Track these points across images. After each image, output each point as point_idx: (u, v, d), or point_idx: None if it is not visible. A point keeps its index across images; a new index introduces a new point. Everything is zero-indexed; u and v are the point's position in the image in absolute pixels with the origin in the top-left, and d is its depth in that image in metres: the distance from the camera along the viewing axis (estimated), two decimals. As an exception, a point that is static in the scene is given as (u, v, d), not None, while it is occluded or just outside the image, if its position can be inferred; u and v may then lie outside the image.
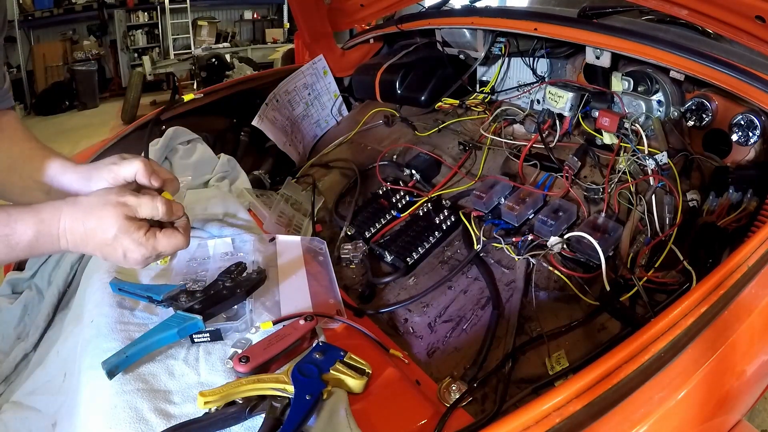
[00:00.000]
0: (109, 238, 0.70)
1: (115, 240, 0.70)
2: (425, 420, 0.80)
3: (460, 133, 1.62)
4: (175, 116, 1.76)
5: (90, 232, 0.70)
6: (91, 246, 0.71)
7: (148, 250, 0.72)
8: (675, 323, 0.71)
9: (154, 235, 0.73)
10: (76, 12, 7.61)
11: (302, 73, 1.93)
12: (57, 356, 1.02)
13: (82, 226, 0.70)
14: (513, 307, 1.08)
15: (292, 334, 0.85)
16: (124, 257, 0.72)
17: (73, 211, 0.70)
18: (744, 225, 1.00)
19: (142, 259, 0.73)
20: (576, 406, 0.62)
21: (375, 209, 1.42)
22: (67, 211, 0.70)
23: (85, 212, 0.70)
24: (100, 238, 0.70)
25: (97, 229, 0.70)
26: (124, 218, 0.70)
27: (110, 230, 0.70)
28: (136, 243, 0.71)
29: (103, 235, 0.70)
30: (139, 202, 0.72)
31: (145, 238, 0.72)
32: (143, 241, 0.71)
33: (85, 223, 0.70)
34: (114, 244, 0.70)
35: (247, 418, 0.74)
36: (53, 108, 7.14)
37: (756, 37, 1.03)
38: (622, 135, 1.26)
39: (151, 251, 0.72)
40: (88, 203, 0.71)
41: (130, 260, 0.72)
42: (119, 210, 0.70)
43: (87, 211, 0.70)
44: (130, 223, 0.71)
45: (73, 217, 0.70)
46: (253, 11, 9.15)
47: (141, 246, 0.71)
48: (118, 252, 0.71)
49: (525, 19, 1.46)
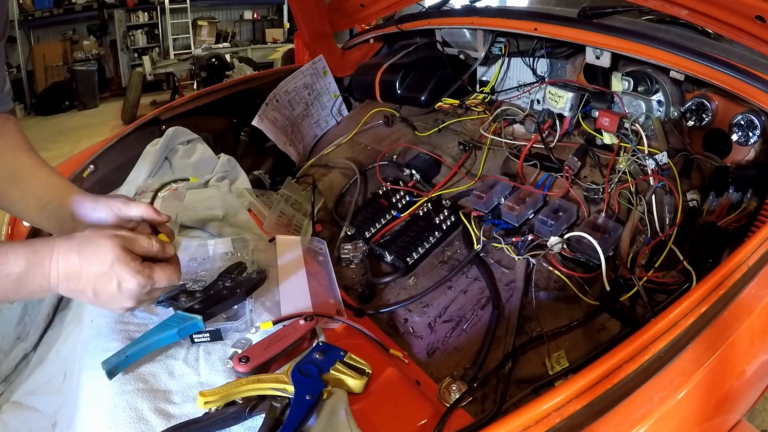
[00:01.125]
0: (105, 267, 0.69)
1: (112, 268, 0.69)
2: (425, 420, 0.80)
3: (460, 133, 1.62)
4: (175, 116, 1.76)
5: (85, 262, 0.69)
6: (83, 279, 0.70)
7: (144, 279, 0.72)
8: (675, 323, 0.71)
9: (150, 266, 0.73)
10: (76, 12, 7.61)
11: (302, 73, 1.93)
12: (57, 356, 1.02)
13: (77, 256, 0.69)
14: (513, 307, 1.08)
15: (292, 334, 0.85)
16: (118, 288, 0.71)
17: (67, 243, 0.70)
18: (744, 225, 1.00)
19: (138, 289, 0.72)
20: (576, 406, 0.62)
21: (375, 209, 1.42)
22: (60, 244, 0.70)
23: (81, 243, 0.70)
24: (96, 268, 0.69)
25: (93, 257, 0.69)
26: (121, 248, 0.71)
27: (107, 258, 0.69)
28: (133, 272, 0.71)
29: (99, 265, 0.69)
30: (135, 237, 0.74)
31: (142, 267, 0.72)
32: (140, 270, 0.71)
33: (81, 253, 0.69)
34: (110, 272, 0.70)
35: (247, 418, 0.74)
36: (53, 108, 7.14)
37: (756, 37, 1.03)
38: (622, 135, 1.26)
39: (146, 281, 0.72)
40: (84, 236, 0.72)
41: (125, 291, 0.71)
42: (117, 240, 0.71)
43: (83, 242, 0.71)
44: (127, 253, 0.71)
45: (67, 247, 0.70)
46: (253, 11, 9.15)
47: (138, 274, 0.71)
48: (112, 282, 0.70)
49: (525, 19, 1.46)
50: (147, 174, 1.44)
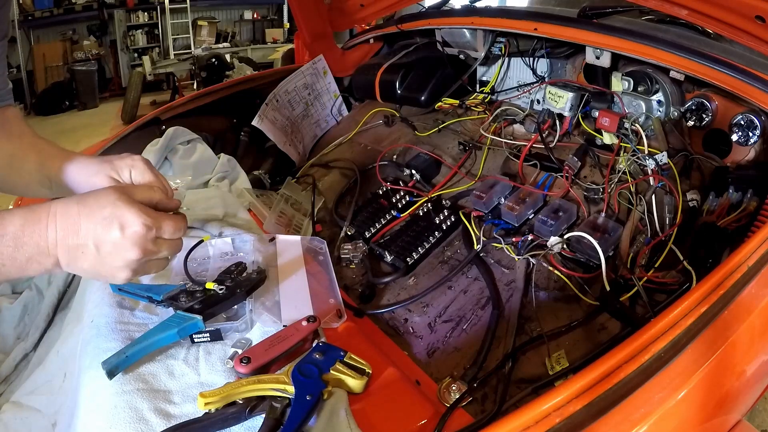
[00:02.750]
0: (106, 210, 0.63)
1: (114, 209, 0.63)
2: (425, 420, 0.80)
3: (460, 133, 1.62)
4: (175, 116, 1.76)
5: (84, 209, 0.63)
6: (83, 229, 0.63)
7: (150, 219, 0.65)
8: (675, 323, 0.71)
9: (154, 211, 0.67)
10: (76, 12, 7.60)
11: (302, 73, 1.93)
12: (57, 356, 1.02)
13: (76, 205, 0.63)
14: (513, 307, 1.08)
15: (294, 336, 0.85)
16: (121, 232, 0.63)
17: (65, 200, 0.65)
18: (744, 225, 1.00)
19: (144, 231, 0.64)
20: (576, 406, 0.62)
21: (375, 209, 1.42)
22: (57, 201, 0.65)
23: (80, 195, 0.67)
24: (97, 214, 0.63)
25: (93, 203, 0.63)
26: (122, 192, 0.65)
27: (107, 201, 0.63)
28: (137, 211, 0.64)
29: (100, 210, 0.63)
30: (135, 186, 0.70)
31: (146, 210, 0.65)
32: (143, 209, 0.65)
33: (80, 202, 0.64)
34: (110, 216, 0.63)
35: (247, 418, 0.74)
36: (53, 108, 7.14)
37: (756, 37, 1.03)
38: (622, 135, 1.26)
39: (153, 222, 0.65)
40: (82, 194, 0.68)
41: (128, 236, 0.63)
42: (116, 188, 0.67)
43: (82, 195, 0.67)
44: (128, 196, 0.65)
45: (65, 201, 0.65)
46: (253, 11, 9.14)
47: (142, 213, 0.64)
48: (114, 227, 0.63)
49: (525, 19, 1.46)
50: (147, 174, 1.44)
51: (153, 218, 0.65)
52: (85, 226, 0.63)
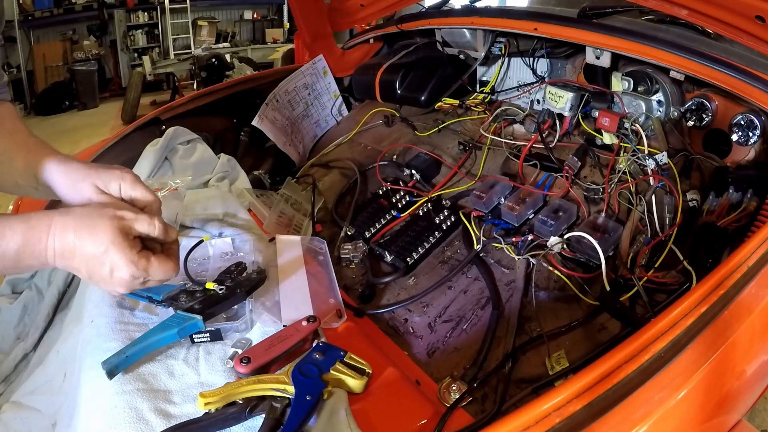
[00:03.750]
0: (99, 250, 0.66)
1: (105, 253, 0.66)
2: (425, 420, 0.80)
3: (460, 133, 1.62)
4: (175, 116, 1.76)
5: (80, 242, 0.66)
6: (77, 259, 0.67)
7: (139, 270, 0.68)
8: (675, 323, 0.71)
9: (147, 257, 0.70)
10: (76, 12, 7.61)
11: (302, 73, 1.93)
12: (57, 356, 1.02)
13: (73, 234, 0.66)
14: (513, 307, 1.08)
15: (294, 336, 0.85)
16: (110, 274, 0.67)
17: (63, 220, 0.67)
18: (744, 225, 1.00)
19: (129, 279, 0.69)
20: (576, 406, 0.62)
21: (375, 209, 1.42)
22: (58, 220, 0.67)
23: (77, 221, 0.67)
24: (90, 250, 0.66)
25: (88, 239, 0.66)
26: (119, 232, 0.67)
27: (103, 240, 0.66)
28: (127, 259, 0.67)
29: (93, 247, 0.66)
30: (137, 217, 0.70)
31: (138, 257, 0.68)
32: (135, 260, 0.68)
33: (77, 232, 0.66)
34: (103, 257, 0.66)
35: (247, 418, 0.74)
36: (53, 108, 7.14)
37: (756, 37, 1.03)
38: (622, 135, 1.26)
39: (141, 272, 0.69)
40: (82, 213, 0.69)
41: (116, 279, 0.68)
42: (115, 222, 0.67)
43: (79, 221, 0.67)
44: (124, 239, 0.67)
45: (63, 225, 0.67)
46: (253, 11, 9.14)
47: (132, 264, 0.68)
48: (105, 267, 0.67)
49: (525, 19, 1.46)
50: (147, 174, 1.44)
51: (142, 269, 0.69)
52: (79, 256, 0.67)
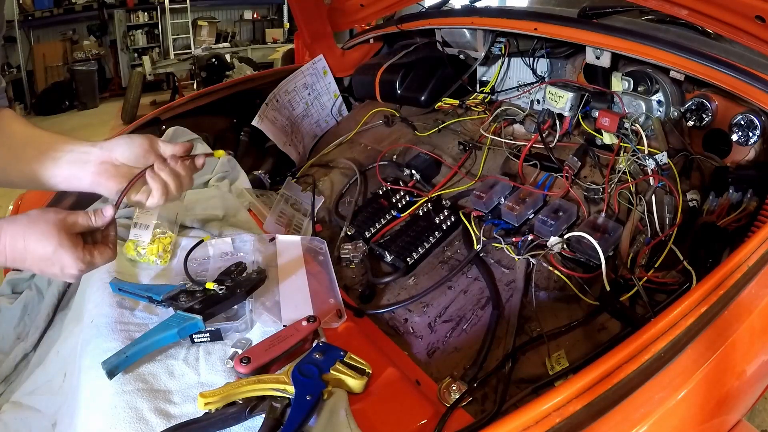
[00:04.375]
0: (48, 252, 0.73)
1: (55, 254, 0.73)
2: (425, 420, 0.80)
3: (460, 133, 1.62)
4: (175, 116, 1.76)
5: (30, 248, 0.73)
6: (29, 261, 0.74)
7: (85, 265, 0.76)
8: (675, 323, 0.71)
9: (90, 252, 0.77)
10: (76, 12, 7.59)
11: (302, 73, 1.93)
12: (57, 356, 1.02)
13: (23, 241, 0.73)
14: (513, 307, 1.08)
15: (294, 336, 0.85)
16: (61, 271, 0.75)
17: (13, 228, 0.73)
18: (744, 225, 1.00)
19: (78, 273, 0.76)
20: (576, 406, 0.62)
21: (375, 209, 1.42)
22: (6, 229, 0.73)
23: (26, 228, 0.73)
24: (40, 253, 0.73)
25: (38, 244, 0.73)
26: (65, 234, 0.74)
27: (51, 244, 0.73)
28: (74, 258, 0.74)
29: (42, 251, 0.73)
30: (75, 218, 0.77)
31: (83, 253, 0.76)
32: (80, 256, 0.75)
33: (26, 238, 0.73)
34: (53, 258, 0.73)
35: (247, 418, 0.74)
36: (53, 108, 7.14)
37: (756, 37, 1.03)
38: (622, 135, 1.26)
39: (86, 266, 0.76)
40: (29, 220, 0.75)
41: (67, 274, 0.76)
42: (60, 225, 0.74)
43: (27, 228, 0.73)
44: (69, 239, 0.74)
45: (13, 232, 0.73)
46: (253, 11, 9.14)
47: (78, 260, 0.75)
48: (55, 267, 0.74)
49: (525, 19, 1.46)
50: (147, 174, 1.44)
51: (87, 263, 0.76)
52: (30, 260, 0.74)
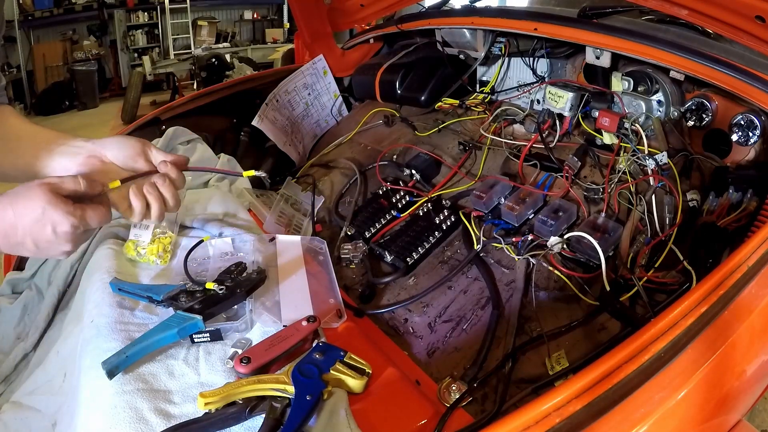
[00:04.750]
0: (38, 214, 0.71)
1: (44, 214, 0.71)
2: (425, 420, 0.80)
3: (460, 133, 1.62)
4: (175, 116, 1.76)
5: (19, 213, 0.71)
6: (20, 231, 0.71)
7: (77, 219, 0.73)
8: (675, 323, 0.70)
9: (81, 208, 0.74)
10: (76, 12, 7.60)
11: (302, 73, 1.93)
12: (57, 356, 1.02)
13: (11, 210, 0.72)
14: (513, 307, 1.08)
15: (294, 336, 0.85)
16: (53, 233, 0.72)
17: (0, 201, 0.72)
18: (744, 225, 1.00)
19: (71, 230, 0.73)
20: (576, 406, 0.62)
21: (375, 209, 1.42)
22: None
23: (12, 198, 0.72)
24: (29, 217, 0.71)
25: (26, 210, 0.71)
26: (50, 192, 0.72)
27: (38, 205, 0.71)
28: (64, 213, 0.72)
29: (32, 214, 0.71)
30: (62, 179, 0.75)
31: (73, 208, 0.73)
32: (71, 210, 0.72)
33: (14, 206, 0.72)
34: (43, 219, 0.71)
35: (247, 418, 0.74)
36: (53, 108, 7.14)
37: (756, 37, 1.03)
38: (622, 135, 1.26)
39: (79, 221, 0.73)
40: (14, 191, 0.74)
41: (60, 235, 0.73)
42: (44, 188, 0.72)
43: (13, 198, 0.72)
44: (56, 197, 0.72)
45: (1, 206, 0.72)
46: (253, 11, 9.14)
47: (69, 215, 0.72)
48: (47, 228, 0.72)
49: (525, 19, 1.46)
50: (147, 174, 1.44)
51: (79, 217, 0.73)
52: (21, 228, 0.72)
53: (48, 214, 0.71)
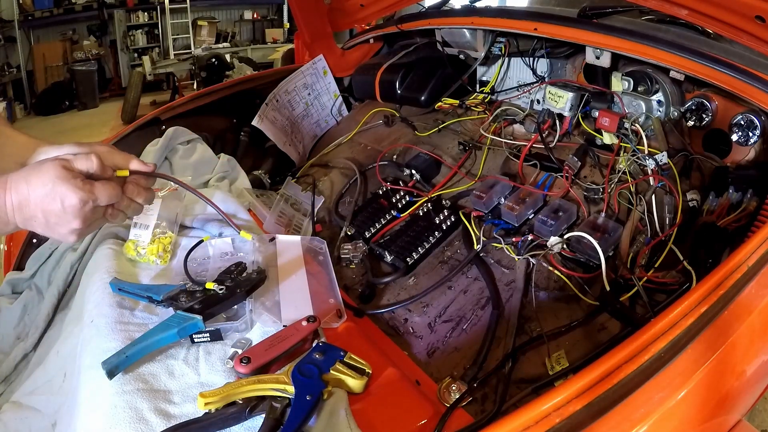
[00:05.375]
0: (48, 188, 0.73)
1: (54, 187, 0.73)
2: (425, 420, 0.80)
3: (460, 133, 1.62)
4: (175, 116, 1.76)
5: (32, 188, 0.73)
6: (32, 204, 0.74)
7: (86, 193, 0.74)
8: (675, 323, 0.71)
9: (90, 183, 0.76)
10: (76, 12, 7.60)
11: (302, 73, 1.93)
12: (57, 356, 1.02)
13: (25, 183, 0.74)
14: (513, 307, 1.08)
15: (294, 336, 0.85)
16: (62, 207, 0.74)
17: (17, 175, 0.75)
18: (744, 225, 1.00)
19: (80, 204, 0.74)
20: (576, 406, 0.62)
21: (375, 209, 1.42)
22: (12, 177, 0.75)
23: (27, 172, 0.75)
24: (41, 191, 0.73)
25: (38, 182, 0.73)
26: (61, 167, 0.74)
27: (49, 178, 0.73)
28: (73, 187, 0.73)
29: (42, 187, 0.73)
30: (75, 157, 0.77)
31: (82, 183, 0.75)
32: (80, 185, 0.74)
33: (27, 180, 0.74)
34: (52, 192, 0.73)
35: (247, 418, 0.74)
36: (53, 108, 7.14)
37: (756, 37, 1.03)
38: (622, 135, 1.26)
39: (88, 195, 0.75)
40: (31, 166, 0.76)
41: (68, 208, 0.74)
42: (56, 162, 0.74)
43: (29, 171, 0.75)
44: (67, 171, 0.74)
45: (17, 177, 0.74)
46: (253, 11, 9.14)
47: (78, 189, 0.74)
48: (56, 201, 0.73)
49: (525, 19, 1.46)
50: (147, 174, 1.44)
51: (88, 191, 0.75)
52: (33, 201, 0.74)
53: (57, 188, 0.73)
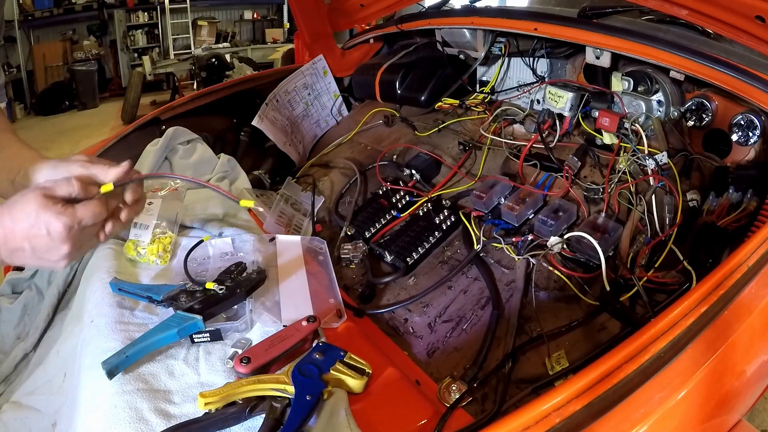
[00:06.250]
0: (32, 218, 0.73)
1: (37, 217, 0.73)
2: (425, 420, 0.80)
3: (460, 133, 1.62)
4: (175, 116, 1.76)
5: (16, 218, 0.74)
6: (18, 237, 0.74)
7: (68, 217, 0.74)
8: (675, 323, 0.71)
9: (71, 206, 0.76)
10: (76, 12, 7.61)
11: (302, 73, 1.93)
12: (57, 356, 1.02)
13: (8, 217, 0.74)
14: (513, 307, 1.08)
15: (294, 336, 0.85)
16: (48, 234, 0.74)
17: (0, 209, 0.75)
18: (744, 225, 1.00)
19: (66, 230, 0.74)
20: (576, 406, 0.62)
21: (375, 209, 1.42)
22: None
23: (9, 205, 0.75)
24: (25, 222, 0.74)
25: (21, 215, 0.74)
26: (42, 197, 0.74)
27: (32, 209, 0.73)
28: (56, 213, 0.74)
29: (26, 219, 0.74)
30: (56, 184, 0.77)
31: (62, 207, 0.75)
32: (61, 210, 0.74)
33: (10, 213, 0.74)
34: (37, 222, 0.73)
35: (247, 418, 0.74)
36: (53, 108, 7.15)
37: (756, 37, 1.03)
38: (622, 135, 1.26)
39: (71, 219, 0.75)
40: (12, 200, 0.76)
41: (54, 234, 0.74)
42: (37, 192, 0.75)
43: (11, 204, 0.75)
44: (48, 200, 0.74)
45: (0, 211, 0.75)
46: (253, 11, 9.15)
47: (61, 215, 0.74)
48: (41, 229, 0.74)
49: (525, 19, 1.46)
50: (147, 174, 1.44)
51: (70, 215, 0.75)
52: (18, 233, 0.74)
53: (41, 217, 0.73)
